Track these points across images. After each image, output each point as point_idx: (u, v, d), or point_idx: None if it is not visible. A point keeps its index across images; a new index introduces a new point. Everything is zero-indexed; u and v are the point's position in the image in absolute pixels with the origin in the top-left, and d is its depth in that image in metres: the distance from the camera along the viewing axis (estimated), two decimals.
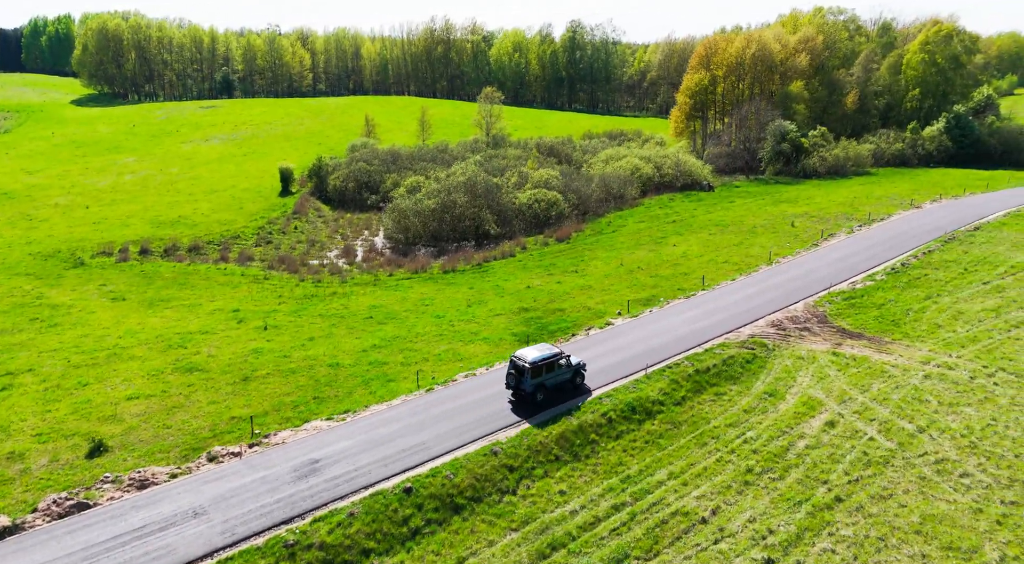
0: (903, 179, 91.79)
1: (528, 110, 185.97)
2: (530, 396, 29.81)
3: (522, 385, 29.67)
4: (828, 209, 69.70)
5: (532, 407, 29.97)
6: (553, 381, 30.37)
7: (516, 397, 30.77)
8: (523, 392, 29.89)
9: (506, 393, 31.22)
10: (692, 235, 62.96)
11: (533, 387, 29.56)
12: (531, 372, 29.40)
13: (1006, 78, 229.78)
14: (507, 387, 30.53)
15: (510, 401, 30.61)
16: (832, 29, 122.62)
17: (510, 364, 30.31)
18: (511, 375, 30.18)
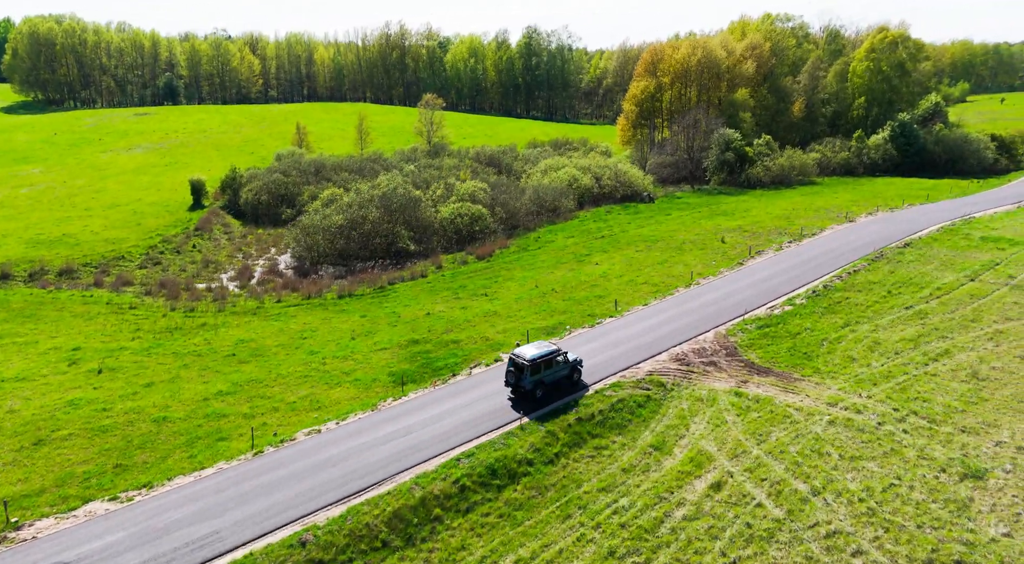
0: (846, 189, 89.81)
1: (482, 117, 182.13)
2: (530, 393, 30.59)
3: (521, 382, 30.35)
4: (763, 223, 66.75)
5: (532, 404, 30.68)
6: (552, 377, 31.23)
7: (515, 394, 31.45)
8: (523, 389, 30.58)
9: (346, 458, 26.74)
10: (618, 252, 59.28)
11: (532, 384, 30.33)
12: (530, 369, 30.07)
13: (958, 85, 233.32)
14: (506, 385, 31.26)
15: (510, 398, 31.37)
16: (780, 36, 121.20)
17: (508, 362, 30.94)
18: (510, 372, 30.81)
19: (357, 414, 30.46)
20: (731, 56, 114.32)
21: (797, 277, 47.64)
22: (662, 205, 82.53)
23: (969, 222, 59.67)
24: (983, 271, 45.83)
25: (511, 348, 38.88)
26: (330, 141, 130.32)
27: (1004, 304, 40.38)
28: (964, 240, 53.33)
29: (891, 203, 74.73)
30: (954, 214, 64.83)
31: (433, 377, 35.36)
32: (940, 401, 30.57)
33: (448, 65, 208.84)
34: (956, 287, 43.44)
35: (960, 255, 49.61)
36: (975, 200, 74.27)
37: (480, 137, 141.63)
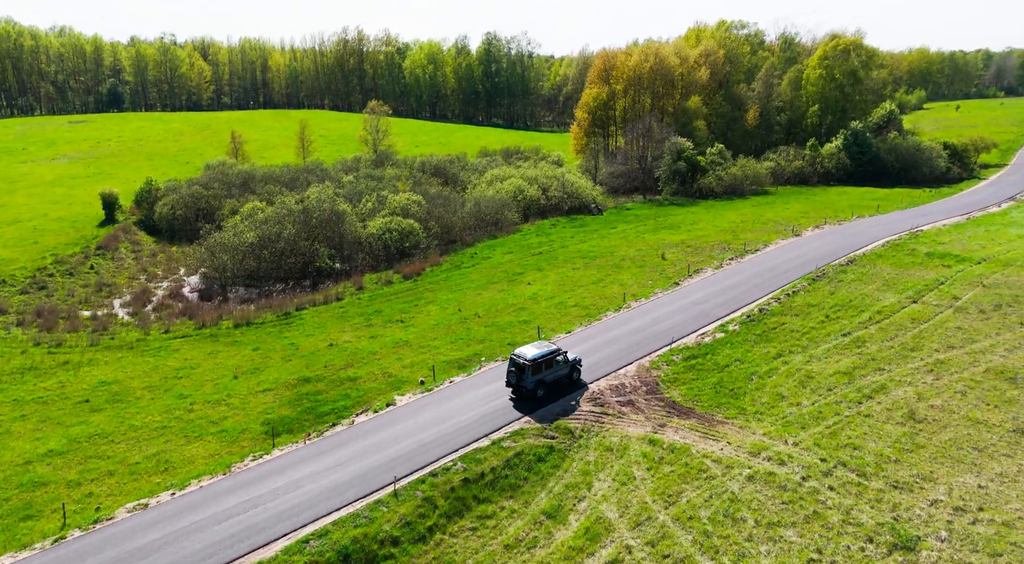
0: (798, 199, 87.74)
1: (440, 125, 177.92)
2: (531, 392, 31.00)
3: (523, 382, 30.76)
4: (708, 237, 63.73)
5: (534, 403, 31.21)
6: (552, 377, 31.75)
7: (517, 394, 31.79)
8: (524, 389, 30.94)
9: (164, 545, 22.16)
10: (553, 270, 55.54)
11: (534, 383, 30.82)
12: (531, 369, 30.52)
13: (915, 93, 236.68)
14: (507, 385, 31.71)
15: (511, 398, 31.81)
16: (734, 43, 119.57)
17: (510, 362, 31.45)
18: (511, 372, 31.25)
19: (203, 480, 25.91)
20: (685, 63, 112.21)
21: (734, 299, 44.35)
22: (610, 217, 79.27)
23: (916, 236, 57.36)
24: (927, 291, 43.09)
25: (414, 386, 34.78)
26: (275, 150, 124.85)
27: (946, 329, 37.52)
28: (909, 257, 50.79)
29: (841, 215, 72.50)
30: (902, 227, 62.62)
31: (314, 426, 30.98)
32: (872, 449, 27.22)
33: (407, 71, 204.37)
34: (897, 310, 40.55)
35: (904, 273, 46.93)
36: (925, 211, 72.46)
37: (433, 145, 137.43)
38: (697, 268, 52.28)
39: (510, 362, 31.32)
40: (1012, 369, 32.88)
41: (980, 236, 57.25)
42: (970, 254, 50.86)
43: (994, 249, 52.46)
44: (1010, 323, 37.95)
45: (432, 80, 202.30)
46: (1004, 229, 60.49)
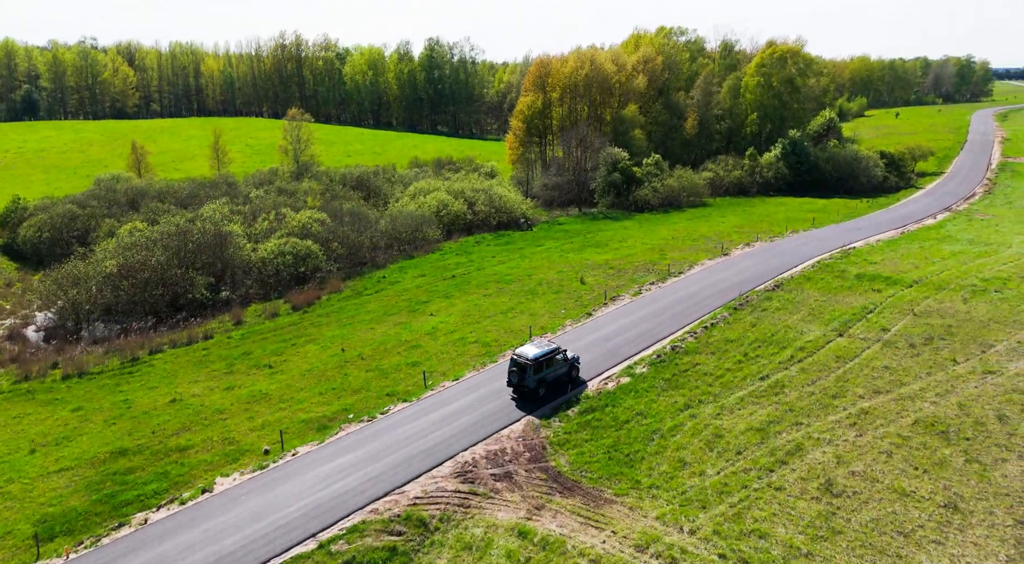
0: (735, 211, 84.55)
1: (379, 133, 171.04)
2: (533, 392, 31.18)
3: (525, 381, 30.97)
4: (635, 256, 59.26)
5: (534, 403, 31.37)
6: (553, 375, 31.97)
7: (518, 394, 32.07)
8: (526, 388, 31.12)
9: None
10: (463, 297, 50.04)
11: (536, 383, 31.01)
12: (533, 368, 30.78)
13: (856, 100, 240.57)
14: (508, 385, 31.96)
15: (512, 398, 32.08)
16: (673, 50, 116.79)
17: (511, 362, 31.54)
18: (513, 372, 31.43)
19: None
20: (622, 70, 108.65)
21: (647, 332, 39.58)
22: (538, 233, 74.34)
23: (847, 255, 53.92)
24: (854, 322, 39.13)
25: (256, 458, 28.70)
26: (192, 162, 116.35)
27: (873, 369, 33.38)
28: (838, 279, 47.05)
29: (775, 229, 69.16)
30: (834, 244, 59.33)
31: (105, 522, 24.62)
32: (781, 537, 22.43)
33: (347, 78, 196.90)
34: (822, 345, 36.35)
35: (832, 300, 43.02)
36: (860, 225, 69.70)
37: (367, 155, 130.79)
38: (615, 295, 47.47)
39: (511, 362, 31.79)
40: (943, 420, 28.75)
41: (913, 254, 54.18)
42: (902, 276, 47.41)
43: (927, 269, 49.23)
44: (941, 360, 34.08)
45: (373, 87, 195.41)
46: (938, 245, 57.70)
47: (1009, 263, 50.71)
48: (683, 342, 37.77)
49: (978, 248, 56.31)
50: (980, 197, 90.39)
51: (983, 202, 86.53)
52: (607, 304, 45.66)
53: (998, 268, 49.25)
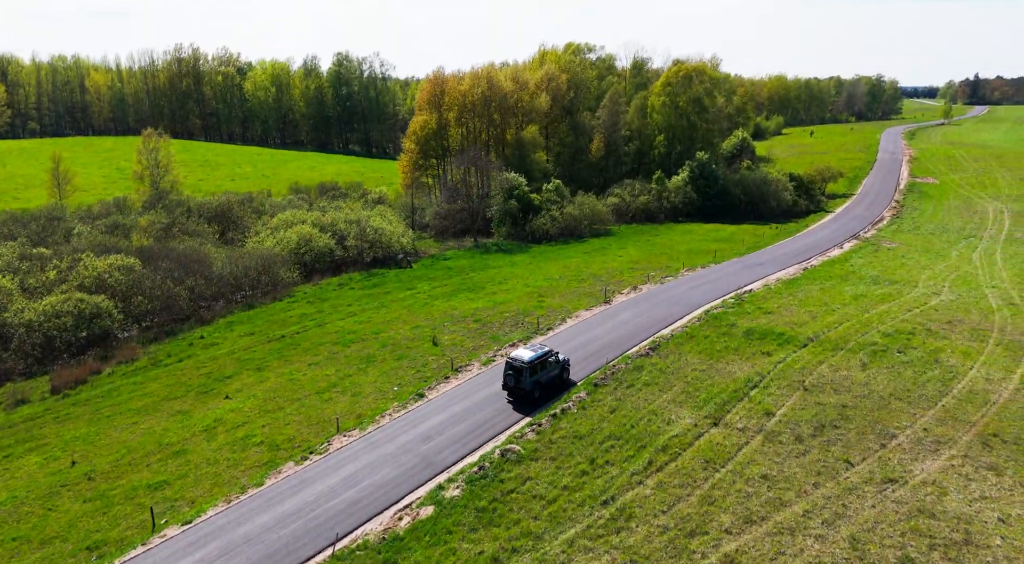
0: (638, 241, 77.94)
1: (278, 153, 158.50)
2: (529, 394, 31.90)
3: (521, 384, 31.56)
4: (509, 303, 50.85)
5: (531, 405, 32.05)
6: (546, 377, 32.76)
7: (514, 397, 32.65)
8: (523, 390, 31.72)
9: None
10: (281, 368, 40.16)
11: (532, 384, 31.78)
12: (529, 371, 31.56)
13: (774, 119, 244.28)
14: (504, 388, 32.66)
15: (508, 401, 32.64)
16: (579, 67, 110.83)
17: (506, 366, 32.21)
18: (509, 375, 32.01)
19: None
20: (524, 89, 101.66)
21: (480, 426, 30.83)
22: (417, 271, 65.16)
23: (740, 302, 47.11)
24: (734, 402, 31.60)
25: None
26: (40, 189, 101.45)
27: (748, 481, 25.63)
28: (725, 338, 39.85)
29: (673, 265, 62.42)
30: (730, 285, 52.70)
31: None
32: None
33: (249, 94, 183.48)
34: (691, 441, 28.49)
35: (713, 369, 35.57)
36: (762, 259, 63.84)
37: (254, 179, 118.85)
38: (464, 363, 38.64)
39: (507, 366, 32.16)
40: None
41: (812, 298, 47.94)
42: (796, 331, 40.67)
43: (825, 320, 42.79)
44: (832, 461, 26.73)
45: (278, 104, 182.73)
46: (840, 286, 51.89)
47: (914, 309, 45.00)
48: (520, 441, 29.15)
49: (882, 289, 50.75)
50: (888, 221, 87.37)
51: (891, 227, 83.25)
52: (449, 378, 36.73)
53: (902, 317, 43.35)
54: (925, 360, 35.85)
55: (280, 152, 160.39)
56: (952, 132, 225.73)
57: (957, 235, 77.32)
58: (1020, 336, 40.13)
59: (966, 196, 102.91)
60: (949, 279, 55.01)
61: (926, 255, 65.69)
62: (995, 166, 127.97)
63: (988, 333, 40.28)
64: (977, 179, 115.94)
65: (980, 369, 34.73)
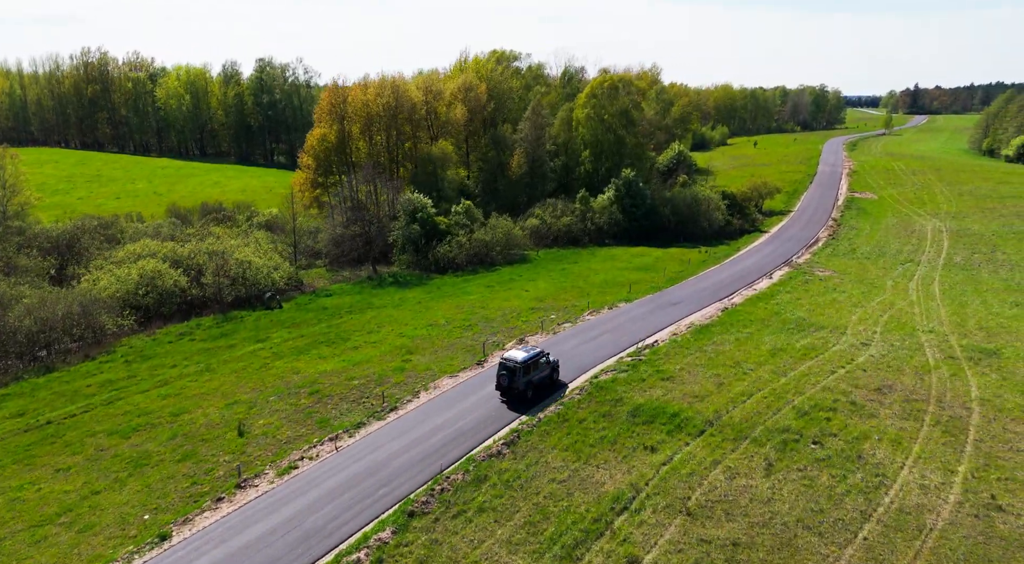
0: (552, 271, 69.75)
1: (185, 165, 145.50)
2: (523, 394, 33.21)
3: (515, 383, 32.81)
4: (366, 364, 41.57)
5: (524, 404, 33.26)
6: (538, 377, 34.11)
7: (508, 397, 33.89)
8: (516, 390, 32.98)
9: None
10: (18, 476, 29.90)
11: (525, 384, 32.99)
12: (522, 371, 32.84)
13: (718, 129, 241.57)
14: (497, 388, 33.93)
15: (502, 400, 33.85)
16: (502, 77, 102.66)
17: (500, 366, 33.56)
18: (502, 376, 33.32)
19: None
20: (439, 99, 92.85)
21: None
22: (283, 314, 55.39)
23: (637, 363, 38.86)
24: (591, 540, 23.01)
25: None
26: None
27: None
28: (604, 422, 31.42)
29: (579, 303, 54.25)
30: (633, 335, 44.64)
31: None
32: None
33: (161, 102, 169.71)
34: None
35: (575, 476, 27.00)
36: (680, 296, 56.24)
37: (144, 197, 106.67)
38: (255, 473, 29.15)
39: (500, 366, 33.31)
40: None
41: (724, 355, 40.13)
42: (695, 407, 32.56)
43: (733, 389, 34.90)
44: None
45: (194, 112, 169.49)
46: (759, 334, 44.35)
47: (838, 370, 37.59)
48: None
49: (806, 338, 43.37)
50: (824, 243, 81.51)
51: (826, 250, 77.23)
52: (223, 497, 27.15)
53: (824, 382, 35.81)
54: (846, 456, 28.06)
55: (190, 165, 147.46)
56: (893, 143, 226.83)
57: (894, 260, 71.63)
58: (961, 408, 32.96)
59: (904, 213, 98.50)
60: (882, 321, 48.22)
61: (859, 286, 59.21)
62: (933, 180, 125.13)
63: (923, 407, 32.98)
64: (916, 194, 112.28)
65: (913, 470, 27.12)
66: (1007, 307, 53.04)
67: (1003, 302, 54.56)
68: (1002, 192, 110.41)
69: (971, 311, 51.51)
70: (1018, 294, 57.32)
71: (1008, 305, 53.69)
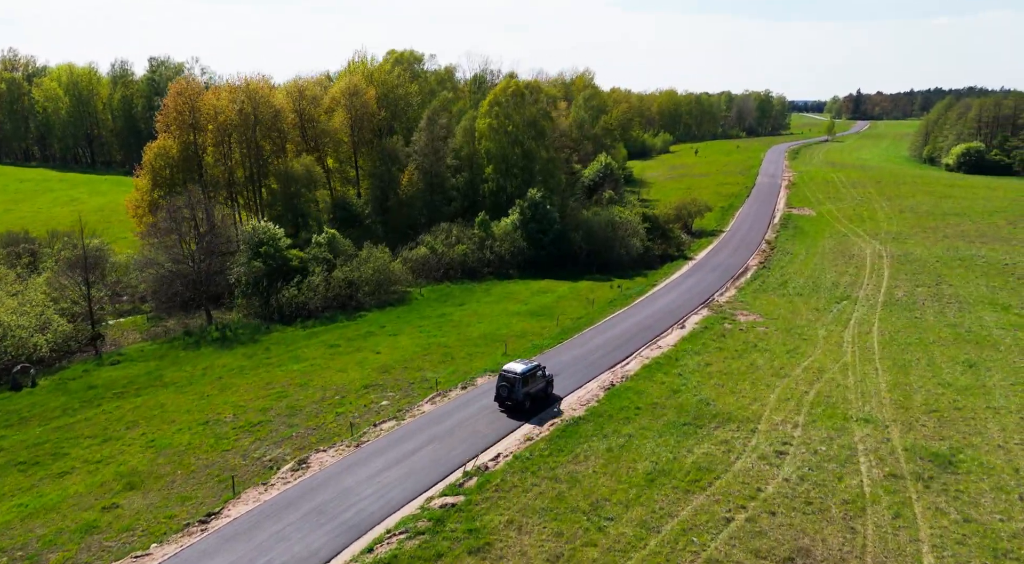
0: (429, 317, 57.12)
1: (52, 176, 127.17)
2: (521, 404, 34.79)
3: (514, 395, 34.61)
4: (52, 513, 27.86)
5: (523, 415, 34.83)
6: (535, 389, 35.77)
7: (507, 408, 35.37)
8: (516, 401, 34.67)
9: None
10: None
11: (524, 395, 34.70)
12: (522, 382, 34.55)
13: (660, 136, 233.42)
14: (496, 399, 35.49)
15: (502, 411, 35.22)
16: (398, 81, 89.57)
17: (500, 378, 35.21)
18: (503, 387, 34.95)
19: None
20: (316, 106, 79.18)
21: None
22: (20, 401, 40.99)
23: (444, 517, 26.15)
24: None
25: None
26: None
27: None
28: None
29: (435, 373, 41.59)
30: (474, 444, 32.15)
31: None
32: None
33: (39, 105, 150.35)
34: None
35: None
36: (566, 358, 44.21)
37: (26, 216, 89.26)
38: None
39: (500, 378, 35.05)
40: None
41: (580, 486, 28.00)
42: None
43: (591, 535, 22.66)
44: None
45: (76, 117, 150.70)
46: (640, 439, 32.45)
47: (737, 515, 25.84)
48: None
49: (703, 444, 31.71)
50: (753, 273, 71.23)
51: (755, 283, 66.81)
52: None
53: (711, 548, 23.90)
54: None
55: (59, 176, 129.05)
56: (834, 150, 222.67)
57: (829, 296, 61.57)
58: None
59: (843, 233, 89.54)
60: (807, 402, 37.16)
61: (786, 340, 48.42)
62: (874, 194, 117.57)
63: None
64: (855, 210, 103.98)
65: None
66: (959, 371, 42.84)
67: (954, 363, 44.41)
68: (944, 208, 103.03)
69: (916, 380, 41.02)
70: (969, 347, 47.43)
71: (960, 368, 43.52)
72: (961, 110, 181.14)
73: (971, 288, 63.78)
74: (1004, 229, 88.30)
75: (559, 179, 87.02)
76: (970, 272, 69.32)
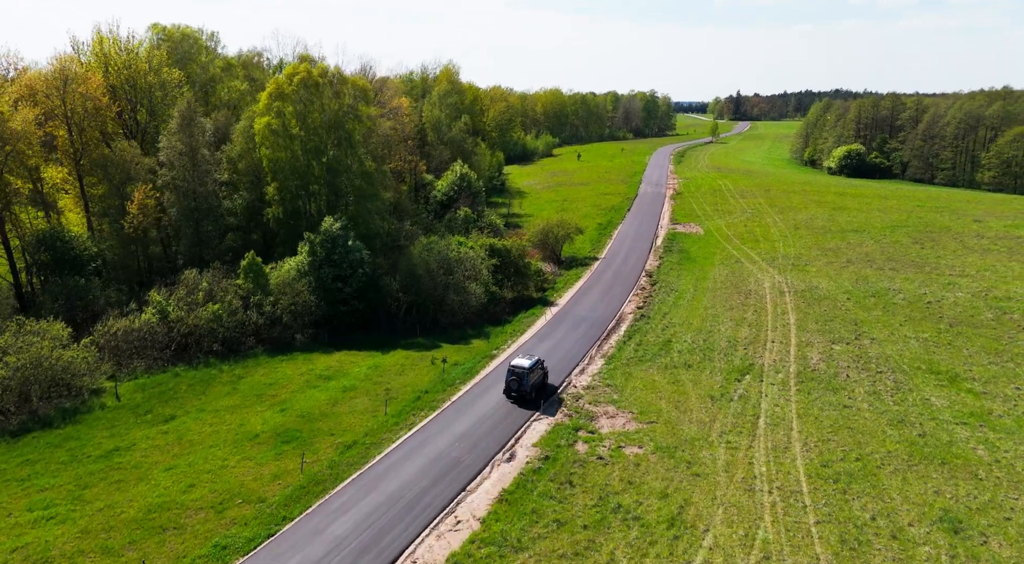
0: (98, 451, 33.28)
1: None
2: (529, 395, 37.92)
3: (523, 386, 37.64)
4: None
5: (532, 405, 37.95)
6: (538, 381, 39.03)
7: (515, 399, 38.25)
8: (524, 391, 37.69)
9: None
10: None
11: (531, 386, 37.94)
12: (528, 374, 37.58)
13: (543, 138, 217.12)
14: (505, 392, 38.47)
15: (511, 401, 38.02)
16: (156, 66, 63.73)
17: (509, 372, 38.07)
18: (512, 381, 37.84)
19: None
20: None
21: None
22: None
23: None
24: None
25: None
26: None
27: None
28: None
29: None
30: None
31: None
32: None
33: None
34: None
35: None
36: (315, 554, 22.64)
37: None
38: None
39: (509, 372, 38.00)
40: None
41: None
42: None
43: None
44: None
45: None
46: None
47: None
48: None
49: None
50: (628, 326, 53.08)
51: (627, 348, 48.30)
52: None
53: None
54: None
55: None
56: (720, 153, 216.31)
57: (726, 367, 44.09)
58: None
59: (735, 258, 74.14)
60: None
61: (667, 488, 29.52)
62: (764, 205, 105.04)
63: None
64: (747, 227, 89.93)
65: None
66: (943, 548, 25.42)
67: (928, 524, 27.09)
68: (841, 223, 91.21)
69: None
70: (938, 478, 30.75)
71: (943, 536, 26.17)
72: (840, 112, 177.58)
73: (899, 344, 48.66)
74: (911, 250, 76.41)
75: (384, 199, 65.05)
76: (891, 316, 54.72)
